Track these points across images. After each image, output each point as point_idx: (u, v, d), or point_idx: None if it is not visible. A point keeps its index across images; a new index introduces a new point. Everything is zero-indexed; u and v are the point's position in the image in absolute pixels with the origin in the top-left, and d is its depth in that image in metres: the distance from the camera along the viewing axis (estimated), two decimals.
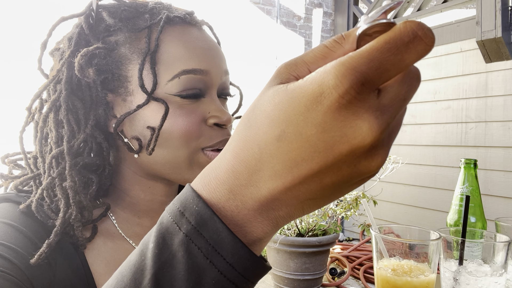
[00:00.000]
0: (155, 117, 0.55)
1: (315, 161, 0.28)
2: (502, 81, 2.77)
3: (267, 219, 0.31)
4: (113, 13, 0.57)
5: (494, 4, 2.61)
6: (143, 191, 0.61)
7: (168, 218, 0.30)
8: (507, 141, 2.75)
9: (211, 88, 0.59)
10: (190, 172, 0.58)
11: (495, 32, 2.62)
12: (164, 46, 0.56)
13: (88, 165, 0.56)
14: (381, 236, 0.67)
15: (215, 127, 0.59)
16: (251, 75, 3.71)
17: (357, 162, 0.28)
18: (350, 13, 3.94)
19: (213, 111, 0.58)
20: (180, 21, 0.58)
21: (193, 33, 0.59)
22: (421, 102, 3.31)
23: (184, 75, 0.55)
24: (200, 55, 0.57)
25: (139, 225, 0.62)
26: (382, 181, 2.88)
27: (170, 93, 0.55)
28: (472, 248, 0.73)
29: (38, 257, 0.47)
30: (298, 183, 0.29)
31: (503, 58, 2.72)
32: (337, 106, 0.27)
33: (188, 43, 0.57)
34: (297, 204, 0.30)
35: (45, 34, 0.55)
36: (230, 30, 3.57)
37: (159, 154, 0.57)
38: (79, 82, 0.55)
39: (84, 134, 0.54)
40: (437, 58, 3.17)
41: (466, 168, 0.96)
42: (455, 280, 0.67)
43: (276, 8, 3.87)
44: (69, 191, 0.52)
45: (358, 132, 0.27)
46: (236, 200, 0.30)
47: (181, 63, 0.55)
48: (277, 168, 0.29)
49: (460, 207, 0.95)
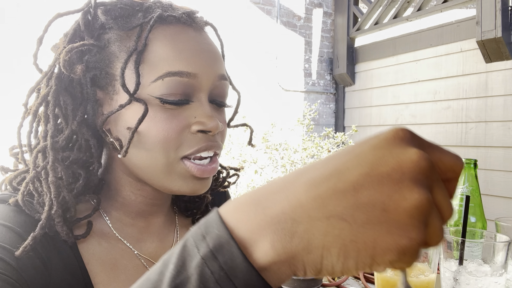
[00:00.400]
0: (135, 118, 0.53)
1: (359, 171, 0.28)
2: (502, 81, 2.77)
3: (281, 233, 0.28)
4: (108, 10, 0.56)
5: (494, 4, 2.61)
6: (133, 193, 0.60)
7: (191, 240, 0.30)
8: (507, 141, 2.75)
9: (199, 92, 0.56)
10: (169, 181, 0.56)
11: (495, 32, 2.62)
12: (153, 46, 0.54)
13: (75, 161, 0.55)
14: None
15: (199, 134, 0.55)
16: (251, 75, 3.71)
17: (400, 183, 0.27)
18: (350, 13, 3.94)
19: (199, 116, 0.55)
20: (174, 20, 0.56)
21: (186, 34, 0.56)
22: (421, 102, 3.31)
23: (168, 77, 0.53)
24: (189, 57, 0.54)
25: (133, 225, 0.62)
26: None
27: (152, 94, 0.53)
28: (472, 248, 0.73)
29: (23, 249, 0.47)
30: (332, 193, 0.28)
31: (503, 58, 2.72)
32: (393, 137, 0.29)
33: (177, 44, 0.54)
34: (321, 219, 0.27)
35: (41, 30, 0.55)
36: (230, 30, 3.57)
37: (138, 157, 0.55)
38: (70, 78, 0.55)
39: (69, 130, 0.53)
40: (437, 58, 3.17)
41: (466, 168, 0.96)
42: (455, 280, 0.67)
43: (276, 8, 3.87)
44: (51, 185, 0.51)
45: (408, 154, 0.28)
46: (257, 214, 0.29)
47: (167, 64, 0.53)
48: (314, 176, 0.29)
49: (460, 207, 0.95)
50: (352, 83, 4.00)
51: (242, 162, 2.86)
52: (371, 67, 3.81)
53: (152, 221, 0.64)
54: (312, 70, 4.12)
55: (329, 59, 4.21)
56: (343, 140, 2.86)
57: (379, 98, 3.71)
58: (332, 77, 4.21)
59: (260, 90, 3.75)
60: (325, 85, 4.19)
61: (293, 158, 2.71)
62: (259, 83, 3.76)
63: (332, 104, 4.22)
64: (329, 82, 4.21)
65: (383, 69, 3.66)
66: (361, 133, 3.79)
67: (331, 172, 0.28)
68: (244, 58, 3.66)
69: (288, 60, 3.96)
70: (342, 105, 4.13)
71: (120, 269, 0.58)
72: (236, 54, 3.61)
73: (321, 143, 2.83)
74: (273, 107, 3.75)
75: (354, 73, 3.99)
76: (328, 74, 4.21)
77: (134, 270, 0.59)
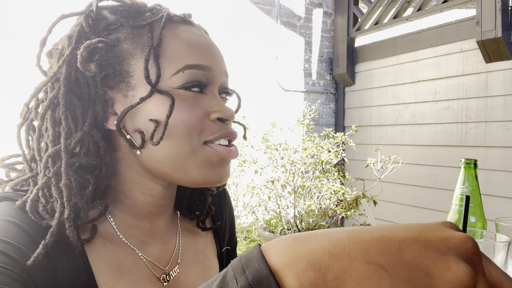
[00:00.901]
0: (158, 110, 0.55)
1: (406, 234, 0.29)
2: (502, 81, 2.77)
3: (317, 264, 0.28)
4: (116, 11, 0.58)
5: (494, 4, 2.61)
6: (143, 193, 0.61)
7: (230, 272, 0.30)
8: (507, 141, 2.75)
9: (212, 84, 0.60)
10: (195, 169, 0.57)
11: (495, 32, 2.62)
12: (167, 42, 0.57)
13: (84, 166, 0.55)
14: None
15: (218, 122, 0.59)
16: (251, 75, 3.71)
17: (447, 254, 0.28)
18: (350, 13, 3.94)
19: (215, 106, 0.59)
20: (180, 20, 0.61)
21: (194, 32, 0.60)
22: (421, 102, 3.31)
23: (188, 69, 0.56)
24: (203, 52, 0.58)
25: (138, 227, 0.62)
26: (382, 181, 2.88)
27: (173, 86, 0.56)
28: None
29: (35, 259, 0.47)
30: (376, 243, 0.28)
31: (503, 58, 2.72)
32: (444, 223, 0.31)
33: (190, 40, 0.58)
34: (361, 262, 0.27)
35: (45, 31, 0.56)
36: (230, 30, 3.57)
37: (162, 149, 0.56)
38: (77, 80, 0.55)
39: (81, 132, 0.53)
40: (437, 58, 3.17)
41: (466, 168, 0.96)
42: None
43: (276, 8, 3.87)
44: (63, 189, 0.51)
45: (457, 234, 0.29)
46: (295, 247, 0.30)
47: (185, 58, 0.56)
48: (359, 229, 0.29)
49: (460, 207, 0.95)
50: (352, 83, 4.00)
51: (242, 162, 2.86)
52: (371, 67, 3.81)
53: (157, 223, 0.65)
54: (312, 70, 4.12)
55: (329, 59, 4.21)
56: (343, 140, 2.85)
57: (379, 98, 3.71)
58: (332, 77, 4.21)
59: (260, 90, 3.75)
60: (325, 85, 4.19)
61: (293, 158, 2.71)
62: (259, 83, 3.75)
63: (332, 104, 4.22)
64: (329, 82, 4.21)
65: (383, 69, 3.66)
66: (361, 133, 3.79)
67: (377, 229, 0.29)
68: (244, 58, 3.66)
69: (288, 60, 3.95)
70: (342, 105, 4.13)
71: (124, 271, 0.59)
72: (236, 54, 3.61)
73: (321, 143, 2.83)
74: (273, 107, 3.75)
75: (354, 73, 3.99)
76: (328, 74, 4.21)
77: (138, 271, 0.60)
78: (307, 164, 2.72)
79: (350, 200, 2.60)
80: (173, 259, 0.66)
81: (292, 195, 2.72)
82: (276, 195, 2.75)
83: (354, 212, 2.64)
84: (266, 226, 2.77)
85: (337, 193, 2.64)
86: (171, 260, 0.65)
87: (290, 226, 2.69)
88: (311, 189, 2.73)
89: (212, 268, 0.72)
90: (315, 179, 2.74)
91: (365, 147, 3.79)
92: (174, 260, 0.66)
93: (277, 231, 2.66)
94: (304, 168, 2.72)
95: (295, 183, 2.69)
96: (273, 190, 2.76)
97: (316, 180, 2.73)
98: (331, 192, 2.66)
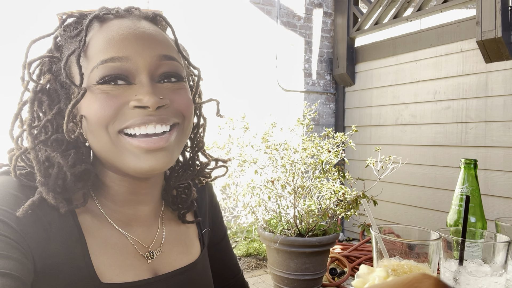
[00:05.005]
0: (85, 106, 0.60)
1: None
2: (502, 81, 2.77)
3: None
4: (65, 26, 0.65)
5: (494, 4, 2.61)
6: (116, 184, 0.66)
7: None
8: (507, 141, 2.75)
9: (137, 73, 0.60)
10: (123, 159, 0.61)
11: (495, 32, 2.62)
12: (92, 41, 0.61)
13: (52, 146, 0.63)
14: (381, 236, 0.67)
15: (136, 110, 0.59)
16: (251, 75, 3.71)
17: None
18: (350, 13, 3.94)
19: (139, 94, 0.59)
20: (111, 17, 0.63)
21: (119, 25, 0.62)
22: (421, 102, 3.31)
23: (101, 64, 0.59)
24: (120, 44, 0.60)
25: (122, 212, 0.68)
26: (382, 181, 2.88)
27: (93, 83, 0.59)
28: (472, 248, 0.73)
29: (22, 210, 0.55)
30: None
31: (503, 58, 2.72)
32: None
33: (109, 35, 0.60)
34: None
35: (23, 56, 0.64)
36: (230, 29, 3.57)
37: (91, 141, 0.62)
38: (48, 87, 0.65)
39: (45, 120, 0.63)
40: (437, 58, 3.17)
41: (466, 168, 0.96)
42: (455, 280, 0.67)
43: (276, 8, 3.87)
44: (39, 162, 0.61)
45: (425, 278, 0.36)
46: None
47: (101, 54, 0.59)
48: None
49: (460, 207, 0.95)
50: (352, 83, 4.00)
51: (242, 162, 2.86)
52: (371, 67, 3.81)
53: (139, 209, 0.70)
54: (312, 70, 4.12)
55: (329, 59, 4.21)
56: (343, 140, 2.85)
57: (379, 98, 3.71)
58: (332, 77, 4.21)
59: (260, 90, 3.75)
60: (325, 85, 4.19)
61: (293, 158, 2.71)
62: (259, 83, 3.75)
63: (332, 104, 4.22)
64: (329, 82, 4.21)
65: (383, 69, 3.66)
66: (361, 133, 3.79)
67: None
68: (244, 58, 3.66)
69: (288, 60, 3.95)
70: (342, 105, 4.13)
71: (110, 245, 0.65)
72: (236, 54, 3.61)
73: (321, 143, 2.83)
74: (273, 107, 3.75)
75: (354, 73, 3.99)
76: (328, 74, 4.21)
77: (123, 248, 0.66)
78: (307, 164, 2.72)
79: (350, 200, 2.60)
80: (156, 240, 0.71)
81: (292, 195, 2.72)
82: (276, 195, 2.75)
83: (354, 212, 2.64)
84: (266, 226, 2.77)
85: (337, 193, 2.64)
86: (155, 241, 0.71)
87: (290, 226, 2.69)
88: (311, 189, 2.73)
89: (193, 247, 0.77)
90: (315, 179, 2.74)
91: (365, 147, 3.79)
92: (157, 241, 0.71)
93: (277, 231, 2.66)
94: (304, 168, 2.72)
95: (295, 183, 2.69)
96: (273, 190, 2.76)
97: (316, 180, 2.73)
98: (331, 192, 2.66)
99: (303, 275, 2.64)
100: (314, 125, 3.97)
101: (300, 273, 2.64)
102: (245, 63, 3.67)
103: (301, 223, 2.72)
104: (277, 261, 2.69)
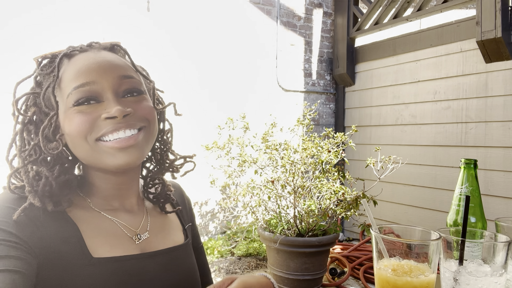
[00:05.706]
0: (67, 126, 0.73)
1: None
2: (502, 81, 2.77)
3: None
4: (43, 66, 0.78)
5: (494, 4, 2.61)
6: (103, 182, 0.80)
7: None
8: (507, 141, 2.75)
9: (103, 93, 0.74)
10: (102, 160, 0.74)
11: (495, 32, 2.62)
12: (65, 74, 0.74)
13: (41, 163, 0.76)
14: (381, 236, 0.67)
15: (107, 121, 0.72)
16: (251, 75, 3.71)
17: None
18: (350, 13, 3.94)
19: (107, 108, 0.73)
20: (78, 52, 0.77)
21: (85, 57, 0.76)
22: (421, 102, 3.31)
23: (74, 90, 0.72)
24: (87, 71, 0.73)
25: (110, 205, 0.81)
26: (382, 181, 2.88)
27: (69, 106, 0.73)
28: (472, 248, 0.73)
29: (16, 214, 0.67)
30: None
31: (503, 58, 2.72)
32: None
33: (77, 66, 0.74)
34: None
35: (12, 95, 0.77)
36: (230, 29, 3.57)
37: (76, 152, 0.75)
38: (36, 118, 0.78)
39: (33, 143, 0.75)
40: (437, 58, 3.17)
41: (466, 168, 0.96)
42: (455, 280, 0.67)
43: (276, 8, 3.87)
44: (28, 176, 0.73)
45: None
46: None
47: (73, 82, 0.73)
48: None
49: (460, 207, 0.95)
50: (352, 83, 4.00)
51: (242, 162, 2.86)
52: (371, 67, 3.81)
53: (125, 202, 0.83)
54: (312, 70, 4.12)
55: (329, 59, 4.21)
56: (343, 140, 2.85)
57: (379, 98, 3.71)
58: (332, 77, 4.21)
59: (260, 90, 3.75)
60: (325, 85, 4.19)
61: (293, 158, 2.71)
62: (259, 83, 3.75)
63: (332, 104, 4.22)
64: (329, 82, 4.21)
65: (383, 69, 3.66)
66: (361, 133, 3.79)
67: None
68: (244, 58, 3.66)
69: (288, 60, 3.96)
70: (342, 105, 4.13)
71: (101, 229, 0.76)
72: (236, 54, 3.61)
73: (321, 143, 2.83)
74: (273, 107, 3.74)
75: (354, 73, 4.00)
76: (328, 74, 4.21)
77: (113, 231, 0.78)
78: (307, 164, 2.72)
79: (350, 200, 2.60)
80: (142, 226, 0.83)
81: (292, 195, 2.72)
82: (276, 195, 2.75)
83: (354, 212, 2.64)
84: (266, 226, 2.77)
85: (337, 193, 2.64)
86: (141, 227, 0.83)
87: (290, 226, 2.69)
88: (311, 189, 2.73)
89: (177, 236, 0.89)
90: (315, 179, 2.74)
91: (365, 147, 3.79)
92: (143, 227, 0.83)
93: (277, 231, 2.66)
94: (304, 168, 2.72)
95: (295, 183, 2.69)
96: (273, 190, 2.76)
97: (316, 180, 2.73)
98: (331, 192, 2.66)
99: (303, 275, 2.64)
100: (314, 125, 3.97)
101: (300, 273, 2.64)
102: (245, 63, 3.67)
103: (301, 223, 2.72)
104: (277, 261, 2.69)
